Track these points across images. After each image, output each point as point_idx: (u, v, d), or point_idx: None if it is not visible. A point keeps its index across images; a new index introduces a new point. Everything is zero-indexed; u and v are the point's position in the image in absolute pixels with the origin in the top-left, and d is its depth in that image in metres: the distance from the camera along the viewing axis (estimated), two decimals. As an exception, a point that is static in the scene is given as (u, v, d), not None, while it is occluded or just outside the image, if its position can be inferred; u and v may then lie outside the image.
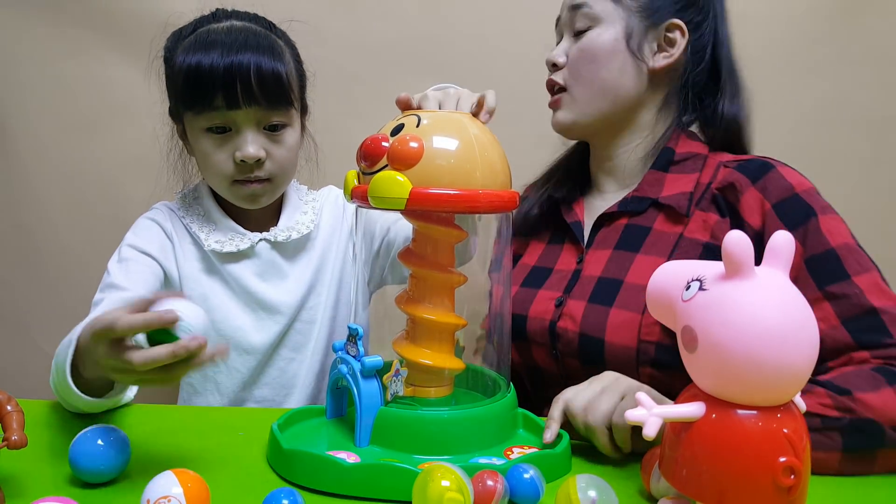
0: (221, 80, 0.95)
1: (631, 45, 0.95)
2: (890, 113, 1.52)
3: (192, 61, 0.96)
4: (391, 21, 1.48)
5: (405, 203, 0.71)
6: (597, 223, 1.00)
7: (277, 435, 0.73)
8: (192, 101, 0.98)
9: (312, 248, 1.10)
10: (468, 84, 0.87)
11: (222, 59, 0.95)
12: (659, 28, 0.96)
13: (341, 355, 0.78)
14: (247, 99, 0.97)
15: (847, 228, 0.85)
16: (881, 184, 1.54)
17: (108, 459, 0.69)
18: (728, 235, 0.55)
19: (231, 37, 0.98)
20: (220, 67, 0.95)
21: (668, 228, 0.92)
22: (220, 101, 0.96)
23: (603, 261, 0.95)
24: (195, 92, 0.97)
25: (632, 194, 0.97)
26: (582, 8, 0.97)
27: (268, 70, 0.97)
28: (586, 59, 0.96)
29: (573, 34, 0.99)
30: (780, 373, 0.54)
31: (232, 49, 0.96)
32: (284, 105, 1.00)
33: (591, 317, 0.91)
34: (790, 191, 0.86)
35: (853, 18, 1.49)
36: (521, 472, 0.64)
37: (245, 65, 0.96)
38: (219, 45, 0.96)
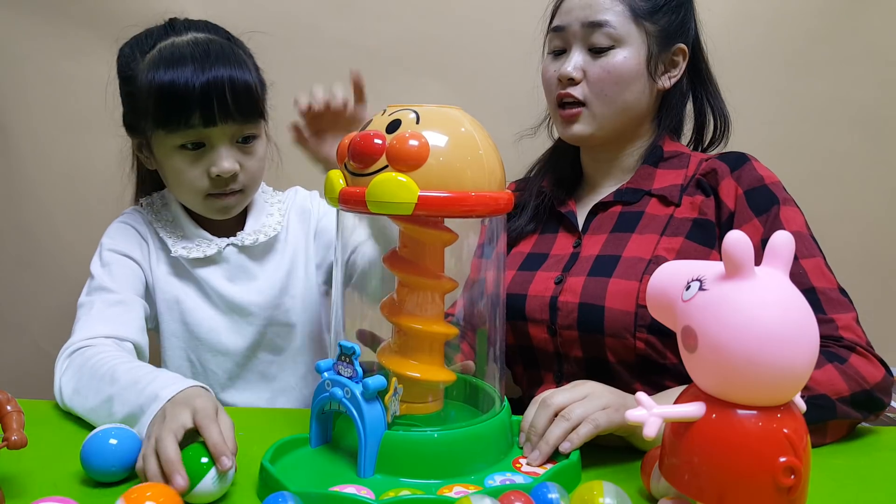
0: (198, 98, 0.94)
1: (650, 67, 1.00)
2: (889, 112, 1.52)
3: (163, 79, 0.94)
4: (390, 21, 1.47)
5: (413, 208, 0.67)
6: (591, 212, 1.06)
7: (275, 472, 0.67)
8: (167, 120, 0.96)
9: (281, 250, 1.11)
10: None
11: (196, 76, 0.93)
12: (669, 52, 1.02)
13: (332, 377, 0.72)
14: (223, 116, 0.96)
15: (803, 219, 0.94)
16: (881, 183, 1.54)
17: (120, 459, 0.70)
18: (728, 235, 0.55)
19: (199, 51, 0.96)
20: (195, 86, 0.93)
21: (659, 211, 1.00)
22: (196, 119, 0.95)
23: (600, 243, 1.01)
24: (170, 111, 0.95)
25: (626, 186, 1.04)
26: (604, 27, 0.98)
27: (241, 84, 0.96)
28: (612, 81, 0.98)
29: (587, 49, 1.00)
30: (779, 373, 0.54)
31: (205, 65, 0.94)
32: (256, 117, 1.01)
33: (590, 287, 0.96)
34: (760, 181, 0.95)
35: (852, 18, 1.49)
36: (545, 493, 0.62)
37: (220, 81, 0.94)
38: (189, 60, 0.94)
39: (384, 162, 0.68)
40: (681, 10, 1.03)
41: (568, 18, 1.01)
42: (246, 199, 1.06)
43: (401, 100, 0.77)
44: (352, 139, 0.71)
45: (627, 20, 0.98)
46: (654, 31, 1.00)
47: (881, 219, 1.53)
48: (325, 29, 1.44)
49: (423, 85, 1.47)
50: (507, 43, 1.46)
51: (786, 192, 0.96)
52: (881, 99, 1.51)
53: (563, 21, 1.02)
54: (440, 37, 1.47)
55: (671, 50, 1.02)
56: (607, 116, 1.00)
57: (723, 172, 0.98)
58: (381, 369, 0.77)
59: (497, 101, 1.40)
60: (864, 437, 0.86)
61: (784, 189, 0.96)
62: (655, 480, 0.66)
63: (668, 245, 0.95)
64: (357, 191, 0.69)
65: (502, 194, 0.72)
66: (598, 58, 0.99)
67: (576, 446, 0.72)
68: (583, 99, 1.00)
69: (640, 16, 0.99)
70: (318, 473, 0.71)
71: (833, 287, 0.89)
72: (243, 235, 1.07)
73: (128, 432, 0.72)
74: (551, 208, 1.10)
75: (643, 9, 0.99)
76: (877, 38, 1.50)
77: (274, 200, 1.14)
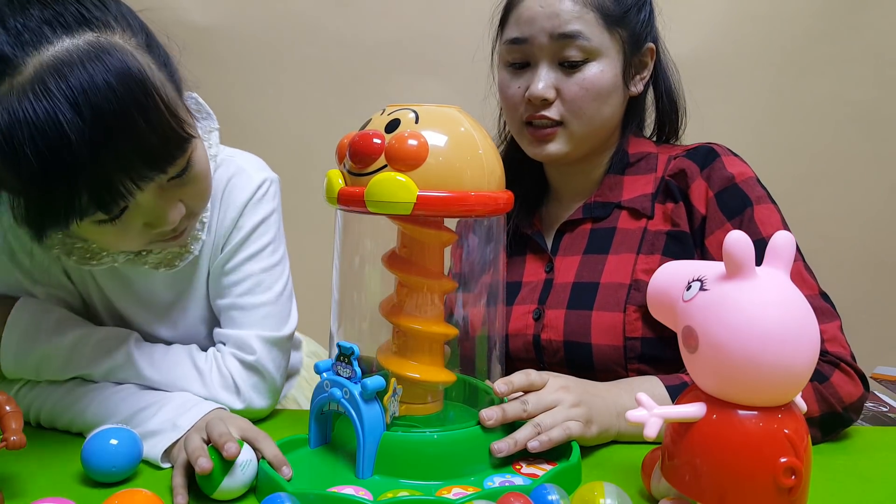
0: (86, 180, 0.65)
1: (626, 76, 0.93)
2: (889, 112, 1.52)
3: (18, 167, 0.64)
4: (389, 20, 1.47)
5: (412, 208, 0.66)
6: (559, 230, 1.00)
7: (273, 473, 0.67)
8: (42, 223, 0.70)
9: (199, 268, 0.90)
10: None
11: (70, 147, 0.63)
12: (640, 54, 0.95)
13: (330, 377, 0.72)
14: (133, 185, 0.68)
15: (779, 218, 0.89)
16: (881, 183, 1.54)
17: (121, 459, 0.70)
18: (728, 235, 0.55)
19: (55, 94, 0.62)
20: (73, 163, 0.64)
21: (631, 225, 0.94)
22: (93, 208, 0.68)
23: (573, 267, 0.95)
24: (44, 212, 0.68)
25: (593, 199, 0.98)
26: (577, 39, 0.89)
27: (141, 123, 0.66)
28: (590, 97, 0.90)
29: (557, 63, 0.91)
30: (780, 373, 0.54)
31: (72, 119, 0.62)
32: (182, 150, 0.71)
33: (573, 323, 0.91)
34: (730, 181, 0.89)
35: (852, 18, 1.49)
36: (545, 494, 0.62)
37: (107, 139, 0.64)
38: (47, 120, 0.62)
39: (383, 161, 0.68)
40: (645, 6, 0.95)
41: (530, 29, 0.90)
42: (198, 219, 0.84)
43: (400, 99, 0.77)
44: (351, 139, 0.71)
45: (600, 29, 0.90)
46: (626, 35, 0.92)
47: (881, 218, 1.53)
48: (324, 28, 1.44)
49: (423, 84, 1.47)
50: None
51: (760, 188, 0.90)
52: (881, 98, 1.51)
53: (524, 32, 0.91)
54: (440, 36, 1.47)
55: (641, 52, 0.95)
56: (585, 134, 0.93)
57: (692, 173, 0.92)
58: (381, 369, 0.77)
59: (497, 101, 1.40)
60: (864, 437, 0.86)
61: (758, 184, 0.91)
62: (656, 481, 0.66)
63: (645, 266, 0.90)
64: (356, 191, 0.69)
65: (502, 194, 0.72)
66: (572, 73, 0.90)
67: (544, 447, 0.71)
68: (559, 119, 0.92)
69: (612, 22, 0.90)
70: (317, 474, 0.71)
71: (814, 293, 0.85)
72: (143, 258, 0.84)
73: (129, 433, 0.72)
74: (515, 230, 1.02)
75: (614, 14, 0.90)
76: (877, 38, 1.50)
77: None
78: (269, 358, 0.88)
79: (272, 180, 0.92)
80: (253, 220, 0.89)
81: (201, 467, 0.65)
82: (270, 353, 0.88)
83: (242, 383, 0.86)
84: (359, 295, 0.85)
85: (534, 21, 0.90)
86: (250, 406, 0.87)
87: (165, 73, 0.72)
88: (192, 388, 0.84)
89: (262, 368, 0.87)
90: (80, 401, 0.82)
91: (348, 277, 0.81)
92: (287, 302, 0.92)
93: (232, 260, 0.89)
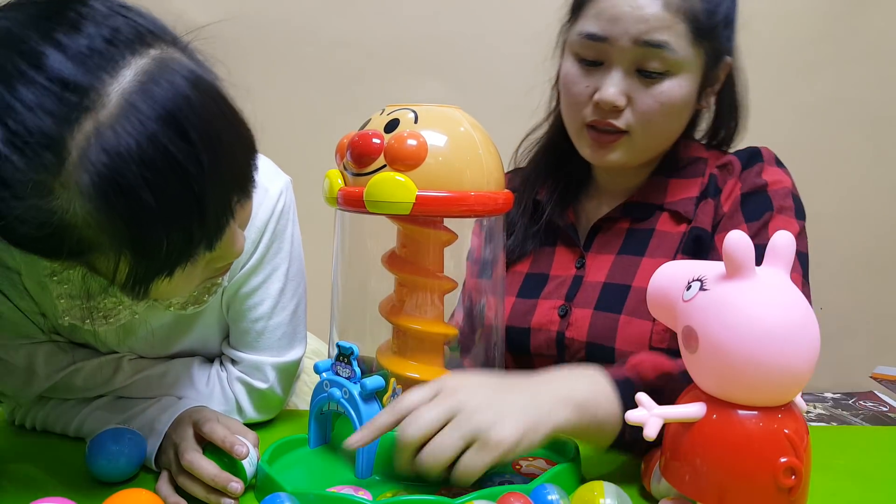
0: (203, 225, 0.58)
1: (701, 93, 0.88)
2: (889, 112, 1.52)
3: (133, 217, 0.55)
4: (389, 20, 1.47)
5: (411, 208, 0.66)
6: (594, 227, 0.96)
7: (272, 473, 0.67)
8: (162, 268, 0.59)
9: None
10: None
11: (190, 192, 0.56)
12: (717, 70, 0.89)
13: (329, 377, 0.72)
14: (231, 217, 0.62)
15: (796, 232, 0.84)
16: (881, 183, 1.54)
17: (125, 459, 0.70)
18: (728, 235, 0.55)
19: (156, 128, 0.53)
20: (197, 208, 0.57)
21: (672, 228, 0.90)
22: (202, 247, 0.60)
23: (606, 266, 0.92)
24: (167, 255, 0.58)
25: (635, 199, 0.93)
26: (663, 49, 0.81)
27: (238, 153, 0.61)
28: (662, 112, 0.84)
29: (635, 71, 0.84)
30: (781, 373, 0.54)
31: (186, 158, 0.54)
32: (256, 169, 0.64)
33: (599, 325, 0.88)
34: (762, 186, 0.87)
35: (853, 17, 1.49)
36: (545, 494, 0.61)
37: (218, 177, 0.57)
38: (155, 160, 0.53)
39: (382, 161, 0.68)
40: (733, 21, 0.88)
41: (612, 29, 0.82)
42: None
43: (399, 99, 0.76)
44: (350, 139, 0.70)
45: (687, 42, 0.82)
46: (710, 49, 0.85)
47: (881, 218, 1.53)
48: (324, 28, 1.44)
49: (423, 84, 1.47)
50: (507, 42, 1.46)
51: (790, 200, 0.87)
52: (882, 98, 1.51)
53: (605, 30, 0.83)
54: (439, 36, 1.47)
55: (719, 66, 0.89)
56: (649, 146, 0.89)
57: (734, 170, 0.89)
58: (380, 369, 0.77)
59: (496, 101, 1.40)
60: (864, 437, 0.86)
61: (791, 197, 0.87)
62: (656, 481, 0.66)
63: None
64: (355, 191, 0.69)
65: (501, 194, 0.72)
66: (649, 84, 0.83)
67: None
68: (625, 128, 0.85)
69: (701, 35, 0.83)
70: (316, 474, 0.71)
71: None
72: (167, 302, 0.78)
73: (133, 433, 0.72)
74: (548, 220, 0.98)
75: (704, 26, 0.83)
76: (877, 38, 1.50)
77: None
78: (281, 384, 0.86)
79: (286, 187, 0.85)
80: (271, 238, 0.83)
81: (236, 490, 0.65)
82: (282, 378, 0.87)
83: (247, 406, 0.85)
84: (358, 295, 0.85)
85: (618, 21, 0.82)
86: (251, 420, 0.86)
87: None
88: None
89: (273, 394, 0.86)
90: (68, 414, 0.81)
91: (348, 277, 0.81)
92: (302, 317, 0.89)
93: (249, 282, 0.83)
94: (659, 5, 0.81)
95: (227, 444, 0.68)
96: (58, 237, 0.55)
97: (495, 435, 0.61)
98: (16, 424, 0.85)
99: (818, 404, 1.67)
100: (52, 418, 0.82)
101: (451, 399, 0.63)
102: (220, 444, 0.68)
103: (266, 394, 0.86)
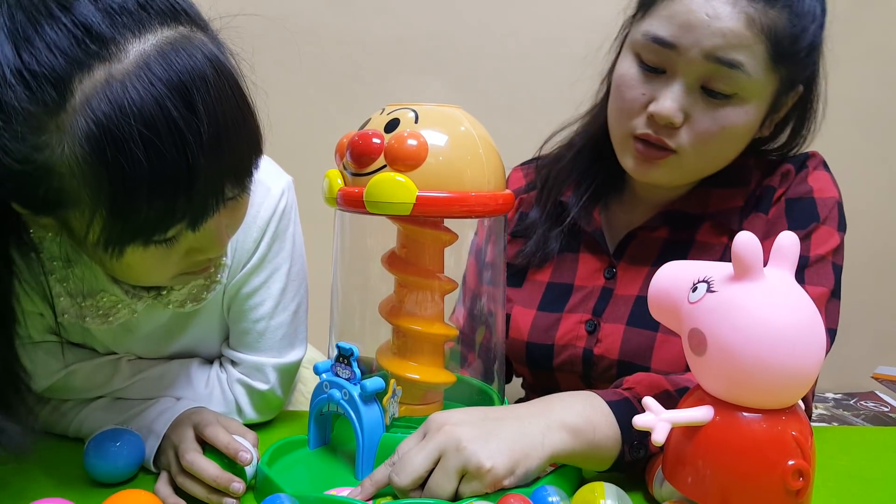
0: (190, 192, 0.57)
1: (765, 121, 0.81)
2: (890, 112, 1.52)
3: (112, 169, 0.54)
4: (389, 19, 1.47)
5: (411, 208, 0.66)
6: (628, 235, 0.89)
7: (271, 474, 0.67)
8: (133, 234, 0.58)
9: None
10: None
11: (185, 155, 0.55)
12: (787, 97, 0.83)
13: (329, 378, 0.72)
14: (221, 201, 0.62)
15: (835, 245, 0.82)
16: (881, 183, 1.54)
17: (123, 460, 0.70)
18: (738, 236, 0.55)
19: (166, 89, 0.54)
20: (187, 172, 0.56)
21: (713, 239, 0.84)
22: (185, 223, 0.59)
23: (640, 278, 0.85)
24: (130, 222, 0.57)
25: (676, 208, 0.87)
26: (736, 70, 0.74)
27: (240, 137, 0.61)
28: (720, 137, 0.78)
29: (700, 87, 0.77)
30: (791, 375, 0.54)
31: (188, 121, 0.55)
32: (257, 167, 0.65)
33: (632, 342, 0.82)
34: (808, 193, 0.83)
35: (852, 17, 1.49)
36: (545, 496, 0.61)
37: (216, 149, 0.57)
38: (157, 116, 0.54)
39: (382, 162, 0.67)
40: (816, 50, 0.82)
41: (685, 37, 0.75)
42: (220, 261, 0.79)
43: (400, 98, 0.76)
44: (350, 139, 0.70)
45: (764, 66, 0.75)
46: (786, 77, 0.78)
47: (881, 218, 1.53)
48: (324, 27, 1.44)
49: (423, 83, 1.47)
50: (508, 42, 1.46)
51: (835, 211, 0.83)
52: (882, 98, 1.51)
53: (675, 37, 0.75)
54: (440, 35, 1.47)
55: (790, 95, 0.83)
56: (697, 169, 0.82)
57: (790, 178, 0.85)
58: (380, 370, 0.77)
59: (497, 100, 1.40)
60: (865, 437, 0.86)
61: (836, 206, 0.83)
62: (658, 485, 0.65)
63: None
64: (355, 191, 0.69)
65: (502, 194, 0.72)
66: (712, 105, 0.76)
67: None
68: (675, 147, 0.78)
69: (780, 61, 0.76)
70: (316, 475, 0.71)
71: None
72: (165, 297, 0.77)
73: (132, 434, 0.72)
74: (572, 224, 0.91)
75: (787, 52, 0.76)
76: (877, 38, 1.50)
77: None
78: (281, 385, 0.86)
79: (288, 187, 0.85)
80: (273, 238, 0.83)
81: (238, 490, 0.66)
82: (283, 379, 0.86)
83: (247, 407, 0.85)
84: (358, 295, 0.85)
85: (692, 29, 0.74)
86: (250, 421, 0.85)
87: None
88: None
89: (274, 395, 0.86)
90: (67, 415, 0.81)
91: (348, 278, 0.81)
92: (303, 318, 0.89)
93: (250, 282, 0.82)
94: (741, 21, 0.73)
95: (230, 450, 0.68)
96: (37, 178, 0.55)
97: (485, 465, 0.60)
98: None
99: (819, 404, 1.67)
100: (52, 419, 0.82)
101: (437, 437, 0.62)
102: (224, 450, 0.68)
103: (266, 395, 0.85)
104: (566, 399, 0.68)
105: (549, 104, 1.04)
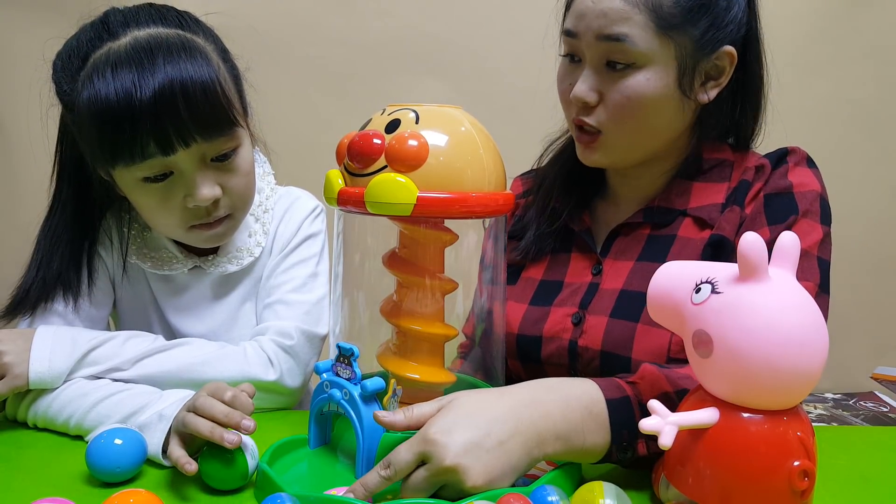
0: (147, 119, 0.78)
1: (683, 85, 0.83)
2: (890, 112, 1.52)
3: (98, 105, 0.78)
4: (390, 19, 1.47)
5: (412, 209, 0.66)
6: (612, 232, 0.92)
7: (272, 474, 0.66)
8: (115, 153, 0.80)
9: (253, 273, 0.99)
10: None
11: (139, 94, 0.76)
12: (710, 60, 0.84)
13: (330, 378, 0.72)
14: (183, 137, 0.80)
15: (818, 238, 0.83)
16: (881, 182, 1.54)
17: (125, 459, 0.70)
18: (743, 237, 0.54)
19: (139, 57, 0.79)
20: (139, 104, 0.77)
21: (694, 234, 0.86)
22: (151, 147, 0.79)
23: (624, 273, 0.88)
24: (116, 142, 0.79)
25: (657, 204, 0.90)
26: (622, 41, 0.79)
27: (199, 90, 0.79)
28: (633, 107, 0.82)
29: (604, 64, 0.82)
30: (797, 376, 0.54)
31: (147, 76, 0.77)
32: (229, 128, 0.84)
33: (614, 333, 0.85)
34: (787, 188, 0.85)
35: (852, 18, 1.49)
36: (545, 496, 0.61)
37: (171, 92, 0.78)
38: (128, 73, 0.77)
39: (383, 162, 0.68)
40: (731, 7, 0.83)
41: (580, 25, 0.82)
42: (238, 223, 0.92)
43: (401, 99, 0.77)
44: (351, 139, 0.70)
45: (650, 34, 0.80)
46: (687, 42, 0.81)
47: (882, 218, 1.53)
48: (324, 28, 1.44)
49: (424, 84, 1.47)
50: (509, 41, 1.46)
51: (815, 203, 0.84)
52: (881, 98, 1.51)
53: (576, 26, 0.83)
54: (440, 35, 1.47)
55: (713, 56, 0.84)
56: (630, 145, 0.86)
57: (766, 173, 0.86)
58: (380, 370, 0.77)
59: (498, 101, 1.40)
60: (864, 437, 0.86)
61: (818, 200, 0.85)
62: (664, 487, 0.65)
63: None
64: (356, 191, 0.69)
65: (502, 194, 0.72)
66: (617, 78, 0.82)
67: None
68: (598, 126, 0.84)
69: (668, 27, 0.80)
70: (316, 475, 0.71)
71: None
72: (211, 261, 0.96)
73: (133, 433, 0.72)
74: (564, 225, 0.95)
75: (671, 18, 0.80)
76: (877, 38, 1.50)
77: (261, 212, 0.99)
78: (304, 348, 0.92)
79: (323, 207, 1.02)
80: (307, 232, 1.00)
81: (249, 428, 0.67)
82: (305, 345, 0.93)
83: (278, 361, 0.90)
84: (359, 295, 0.85)
85: (584, 16, 0.82)
86: (282, 380, 0.90)
87: (231, 79, 0.88)
88: (229, 360, 0.87)
89: (297, 355, 0.91)
90: (73, 403, 0.81)
91: (348, 277, 0.81)
92: (325, 309, 0.97)
93: (284, 262, 0.98)
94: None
95: (214, 435, 0.67)
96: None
97: (465, 482, 0.61)
98: (18, 420, 0.85)
99: (818, 404, 1.67)
100: (53, 412, 0.82)
101: (422, 443, 0.63)
102: (225, 419, 0.68)
103: (292, 353, 0.91)
104: (568, 398, 0.68)
105: (550, 105, 1.04)
